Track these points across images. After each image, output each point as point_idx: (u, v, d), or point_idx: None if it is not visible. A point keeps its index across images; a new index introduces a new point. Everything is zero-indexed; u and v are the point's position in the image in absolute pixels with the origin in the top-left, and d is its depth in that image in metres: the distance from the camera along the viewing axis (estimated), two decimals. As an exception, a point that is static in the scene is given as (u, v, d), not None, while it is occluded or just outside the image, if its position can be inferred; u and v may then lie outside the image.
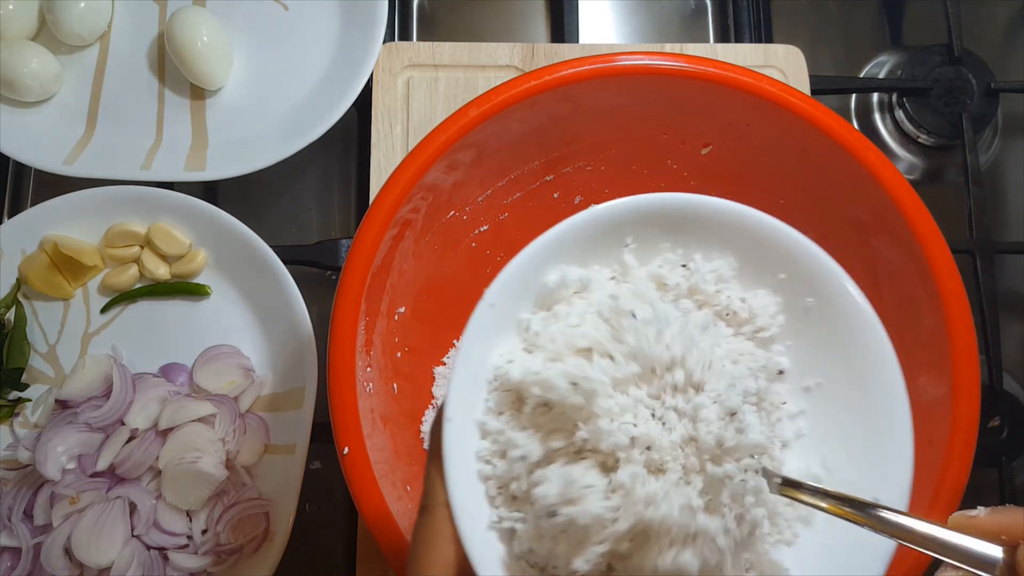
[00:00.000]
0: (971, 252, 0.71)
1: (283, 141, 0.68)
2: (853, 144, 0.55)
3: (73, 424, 0.62)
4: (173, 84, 0.72)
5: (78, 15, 0.70)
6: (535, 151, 0.60)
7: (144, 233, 0.67)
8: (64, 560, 0.59)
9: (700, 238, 0.40)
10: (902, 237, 0.54)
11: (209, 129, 0.71)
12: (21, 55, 0.68)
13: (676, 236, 0.40)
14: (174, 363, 0.66)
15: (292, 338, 0.65)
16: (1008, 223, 0.78)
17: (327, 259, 0.69)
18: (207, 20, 0.69)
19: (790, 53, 0.71)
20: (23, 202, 0.74)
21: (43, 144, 0.68)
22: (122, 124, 0.71)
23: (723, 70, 0.55)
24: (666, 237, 0.40)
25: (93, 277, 0.68)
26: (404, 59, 0.69)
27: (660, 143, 0.62)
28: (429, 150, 0.53)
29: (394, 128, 0.68)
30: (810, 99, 0.56)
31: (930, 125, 0.76)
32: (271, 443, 0.64)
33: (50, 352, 0.67)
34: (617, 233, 0.39)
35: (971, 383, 0.51)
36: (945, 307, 0.52)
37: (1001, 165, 0.80)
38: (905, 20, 0.83)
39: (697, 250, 0.40)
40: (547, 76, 0.54)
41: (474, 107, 0.54)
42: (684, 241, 0.40)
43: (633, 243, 0.39)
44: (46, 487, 0.61)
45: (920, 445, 0.53)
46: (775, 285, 0.40)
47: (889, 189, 0.54)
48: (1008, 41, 0.83)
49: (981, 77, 0.76)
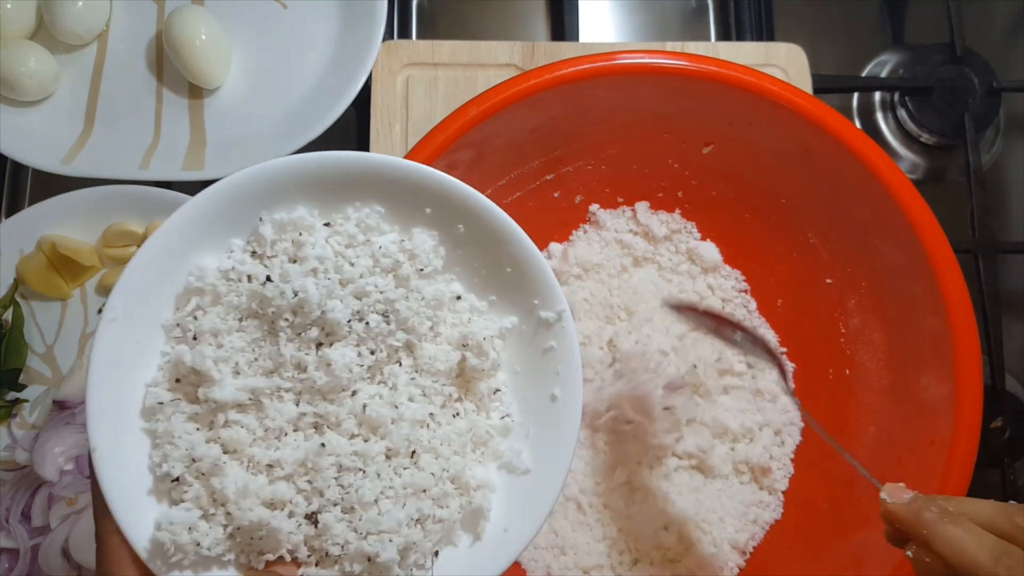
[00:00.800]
0: (973, 252, 0.71)
1: (282, 140, 0.67)
2: (855, 143, 0.54)
3: (71, 425, 0.62)
4: (171, 83, 0.72)
5: (76, 14, 0.69)
6: (535, 150, 0.60)
7: (142, 233, 0.67)
8: (62, 561, 0.59)
9: (340, 195, 0.41)
10: (904, 237, 0.54)
11: (207, 128, 0.71)
12: (19, 54, 0.67)
13: (315, 199, 0.41)
14: (172, 363, 0.66)
15: (291, 338, 0.65)
16: (1010, 223, 0.78)
17: (326, 259, 0.68)
18: (205, 19, 0.69)
19: (792, 52, 0.70)
20: (21, 202, 0.74)
21: (41, 143, 0.68)
22: (120, 123, 0.71)
23: (725, 69, 0.55)
24: (303, 201, 0.41)
25: (91, 277, 0.68)
26: (403, 57, 0.69)
27: (661, 142, 0.61)
28: (428, 149, 0.52)
29: (393, 127, 0.68)
30: (812, 98, 0.55)
31: (932, 124, 0.76)
32: (270, 444, 0.64)
33: (48, 352, 0.67)
34: (251, 205, 0.40)
35: (973, 384, 0.51)
36: (947, 307, 0.52)
37: (1003, 165, 0.79)
38: (907, 19, 0.83)
39: (341, 207, 0.41)
40: (547, 75, 0.54)
41: (474, 106, 0.53)
42: (324, 200, 0.41)
43: (266, 216, 0.40)
44: (44, 488, 0.60)
45: (923, 446, 0.53)
46: (425, 221, 0.42)
47: (891, 189, 0.54)
48: (1010, 40, 0.83)
49: (983, 76, 0.76)
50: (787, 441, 0.64)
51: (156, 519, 0.36)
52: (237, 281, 0.40)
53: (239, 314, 0.39)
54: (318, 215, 0.41)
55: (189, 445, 0.37)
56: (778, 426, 0.64)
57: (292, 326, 0.39)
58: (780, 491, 0.63)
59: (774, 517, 0.63)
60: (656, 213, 0.67)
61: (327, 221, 0.41)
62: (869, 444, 0.58)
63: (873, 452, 0.58)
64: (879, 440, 0.58)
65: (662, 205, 0.67)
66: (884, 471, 0.56)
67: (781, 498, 0.63)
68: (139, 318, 0.38)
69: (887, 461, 0.56)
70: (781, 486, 0.63)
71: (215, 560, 0.36)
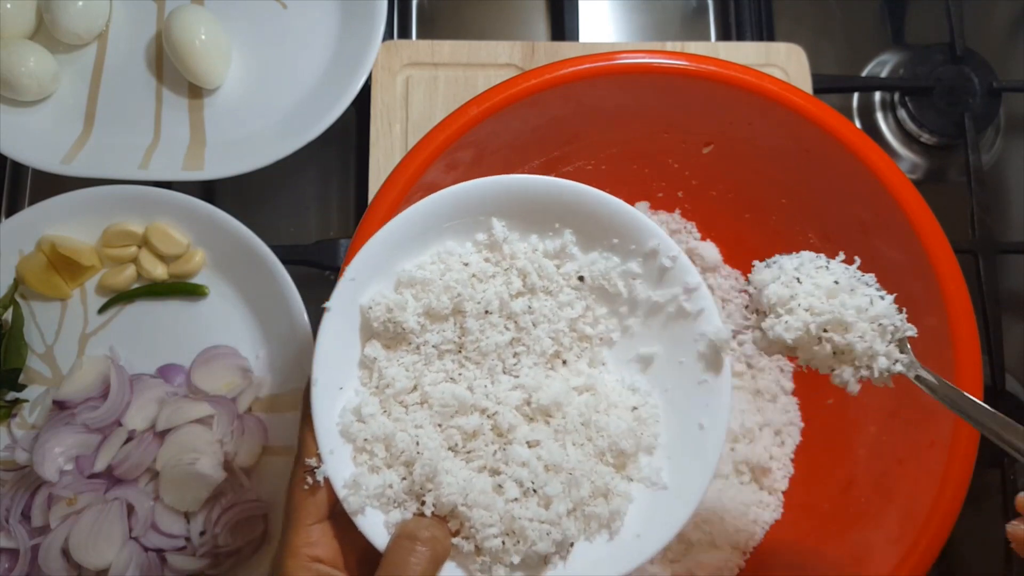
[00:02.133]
0: (973, 252, 0.71)
1: (281, 140, 0.67)
2: (855, 143, 0.54)
3: (71, 425, 0.62)
4: (171, 83, 0.72)
5: (76, 14, 0.69)
6: (535, 150, 0.60)
7: (142, 233, 0.67)
8: (62, 561, 0.59)
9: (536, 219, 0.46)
10: (904, 237, 0.54)
11: (207, 128, 0.71)
12: (19, 54, 0.67)
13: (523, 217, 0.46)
14: (172, 364, 0.66)
15: (290, 338, 0.65)
16: (1010, 223, 0.78)
17: (326, 259, 0.68)
18: (205, 19, 0.69)
19: (792, 52, 0.70)
20: (21, 202, 0.74)
21: (41, 143, 0.68)
22: (120, 123, 0.71)
23: (725, 69, 0.55)
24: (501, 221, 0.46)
25: (91, 277, 0.68)
26: (403, 57, 0.69)
27: (661, 142, 0.61)
28: (428, 149, 0.52)
29: (393, 127, 0.68)
30: (812, 98, 0.55)
31: (932, 124, 0.76)
32: (270, 444, 0.64)
33: (47, 353, 0.67)
34: (478, 215, 0.45)
35: (973, 384, 0.51)
36: (947, 307, 0.52)
37: (1003, 165, 0.79)
38: (907, 19, 0.83)
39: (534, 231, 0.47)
40: (547, 75, 0.54)
41: (474, 106, 0.53)
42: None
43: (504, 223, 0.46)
44: (44, 488, 0.60)
45: (923, 446, 0.53)
46: (610, 249, 0.47)
47: (891, 188, 0.54)
48: (1010, 40, 0.83)
49: (983, 76, 0.76)
50: (787, 441, 0.64)
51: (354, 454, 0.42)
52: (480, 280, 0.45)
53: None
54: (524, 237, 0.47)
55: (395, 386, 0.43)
56: (778, 426, 0.64)
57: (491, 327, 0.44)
58: (780, 491, 0.63)
59: (774, 517, 0.62)
60: (656, 213, 0.67)
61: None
62: (869, 444, 0.58)
63: (873, 452, 0.58)
64: (879, 440, 0.58)
65: (662, 205, 0.67)
66: (884, 471, 0.56)
67: (781, 498, 0.63)
68: (368, 284, 0.44)
69: (887, 461, 0.56)
70: (781, 486, 0.63)
71: (395, 502, 0.42)
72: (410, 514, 0.41)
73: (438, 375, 0.44)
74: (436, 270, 0.44)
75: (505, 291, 0.45)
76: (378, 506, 0.41)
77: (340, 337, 0.43)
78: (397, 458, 0.42)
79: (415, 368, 0.44)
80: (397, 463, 0.42)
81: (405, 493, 0.42)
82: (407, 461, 0.42)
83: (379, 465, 0.42)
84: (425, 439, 0.42)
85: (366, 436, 0.42)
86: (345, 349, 0.43)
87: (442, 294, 0.44)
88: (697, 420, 0.45)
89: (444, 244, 0.46)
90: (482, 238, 0.46)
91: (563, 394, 0.44)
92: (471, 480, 0.41)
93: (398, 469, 0.42)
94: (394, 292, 0.44)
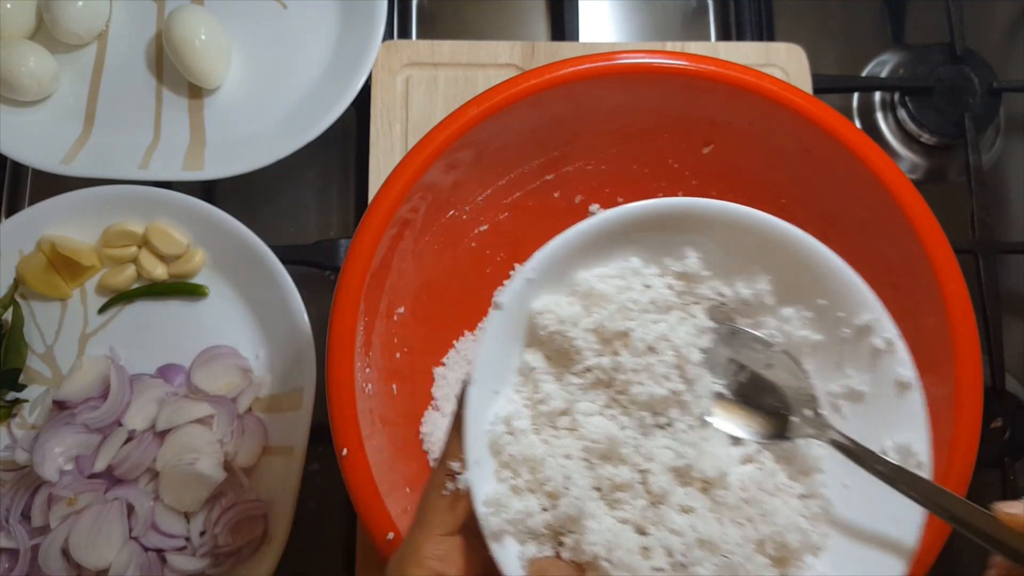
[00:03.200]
0: (974, 252, 0.71)
1: (281, 140, 0.67)
2: (855, 143, 0.54)
3: (71, 425, 0.62)
4: (171, 83, 0.72)
5: (76, 14, 0.69)
6: (535, 150, 0.60)
7: (142, 233, 0.67)
8: (62, 562, 0.59)
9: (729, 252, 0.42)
10: (904, 237, 0.54)
11: (207, 128, 0.71)
12: (19, 54, 0.67)
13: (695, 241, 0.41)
14: (172, 364, 0.66)
15: (291, 339, 0.65)
16: (1011, 223, 0.78)
17: (326, 259, 0.68)
18: (205, 18, 0.69)
19: (792, 52, 0.70)
20: (20, 202, 0.74)
21: (41, 143, 0.68)
22: (120, 123, 0.71)
23: (725, 69, 0.55)
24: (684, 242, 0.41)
25: (91, 277, 0.68)
26: (403, 57, 0.69)
27: (661, 142, 0.61)
28: (428, 149, 0.52)
29: (393, 127, 0.68)
30: (812, 98, 0.55)
31: (932, 124, 0.76)
32: (270, 444, 0.64)
33: (47, 353, 0.67)
34: (671, 234, 0.41)
35: (974, 384, 0.51)
36: (947, 307, 0.52)
37: (1003, 165, 0.79)
38: (907, 19, 0.83)
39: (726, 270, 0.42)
40: (547, 75, 0.54)
41: (474, 106, 0.53)
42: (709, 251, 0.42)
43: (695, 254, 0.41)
44: (44, 488, 0.60)
45: (923, 447, 0.53)
46: (815, 311, 0.41)
47: (891, 188, 0.54)
48: (1011, 40, 0.83)
49: (983, 76, 0.76)
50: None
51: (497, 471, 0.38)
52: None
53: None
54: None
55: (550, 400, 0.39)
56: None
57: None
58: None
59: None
60: (656, 213, 0.67)
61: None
62: (869, 444, 0.58)
63: (873, 452, 0.58)
64: (879, 440, 0.58)
65: (662, 205, 0.67)
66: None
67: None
68: (541, 286, 0.40)
69: (887, 461, 0.56)
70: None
71: (532, 535, 0.37)
72: (547, 552, 0.37)
73: (592, 405, 0.39)
74: (615, 285, 0.40)
75: (680, 331, 0.40)
76: (513, 533, 0.37)
77: (503, 338, 0.39)
78: (542, 485, 0.37)
79: (571, 391, 0.39)
80: (541, 491, 0.38)
81: (544, 527, 0.37)
82: (552, 492, 0.37)
83: (521, 487, 0.38)
84: (575, 475, 0.37)
85: (512, 452, 0.38)
86: (506, 351, 0.40)
87: (616, 313, 0.39)
88: (875, 532, 0.38)
89: (629, 260, 0.41)
90: (671, 263, 0.41)
91: (727, 463, 0.38)
92: (617, 534, 0.37)
93: (540, 498, 0.37)
94: (566, 301, 0.40)
